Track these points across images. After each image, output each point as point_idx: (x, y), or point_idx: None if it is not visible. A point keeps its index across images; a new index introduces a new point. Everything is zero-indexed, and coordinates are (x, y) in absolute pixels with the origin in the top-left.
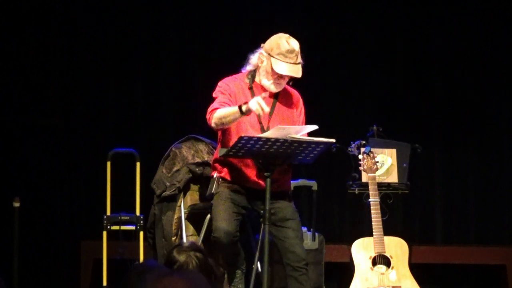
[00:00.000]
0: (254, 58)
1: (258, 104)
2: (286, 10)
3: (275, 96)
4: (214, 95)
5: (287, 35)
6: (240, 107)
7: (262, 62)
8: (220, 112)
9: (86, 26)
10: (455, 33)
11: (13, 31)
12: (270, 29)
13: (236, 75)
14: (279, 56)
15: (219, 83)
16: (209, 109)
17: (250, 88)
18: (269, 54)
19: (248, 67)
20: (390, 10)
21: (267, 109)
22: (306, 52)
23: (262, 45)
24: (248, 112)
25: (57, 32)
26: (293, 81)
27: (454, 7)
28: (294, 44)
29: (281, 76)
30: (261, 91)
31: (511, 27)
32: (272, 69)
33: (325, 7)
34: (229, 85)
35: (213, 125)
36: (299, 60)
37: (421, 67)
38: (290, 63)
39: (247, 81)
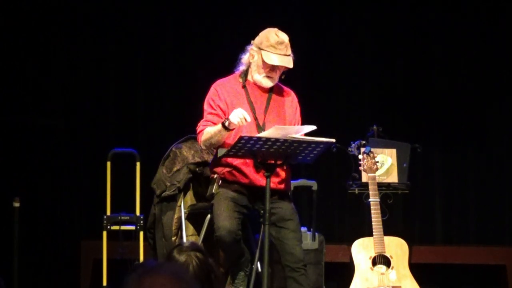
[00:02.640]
0: (245, 56)
1: (238, 116)
2: (286, 10)
3: (269, 93)
4: (205, 106)
5: (276, 29)
6: (223, 124)
7: (253, 57)
8: (206, 134)
9: (86, 26)
10: (455, 33)
11: (13, 31)
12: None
13: (229, 76)
14: (269, 48)
15: (210, 90)
16: (198, 129)
17: (244, 87)
18: (259, 48)
19: (241, 67)
20: (390, 10)
21: (248, 118)
22: (306, 52)
23: (252, 41)
24: (232, 126)
25: (57, 32)
26: (285, 75)
27: (454, 6)
28: (283, 36)
29: (272, 69)
30: (255, 89)
31: (511, 27)
32: (263, 62)
33: (325, 7)
34: (218, 94)
35: (203, 147)
36: (289, 52)
37: (421, 67)
38: (281, 54)
39: (241, 80)
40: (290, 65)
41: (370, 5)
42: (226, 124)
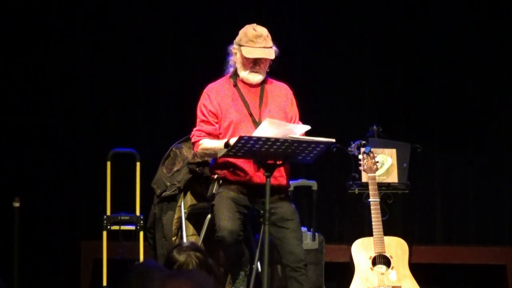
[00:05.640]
0: (232, 57)
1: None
2: (287, 11)
3: (261, 88)
4: (197, 111)
5: (254, 24)
6: (226, 144)
7: (236, 55)
8: (205, 147)
9: (86, 26)
10: (455, 33)
11: (14, 31)
12: (270, 30)
13: (220, 79)
14: (248, 43)
15: (202, 96)
16: (193, 138)
17: (235, 86)
18: (239, 45)
19: (231, 68)
20: (390, 10)
21: None
22: (306, 52)
23: (234, 41)
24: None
25: (57, 32)
26: (270, 68)
27: (454, 6)
28: (261, 30)
29: (255, 63)
30: (246, 86)
31: (511, 27)
32: (244, 57)
33: (325, 7)
34: (210, 99)
35: (198, 154)
36: (270, 44)
37: (421, 67)
38: (260, 47)
39: (232, 80)
40: (271, 56)
41: (370, 5)
42: (225, 145)
